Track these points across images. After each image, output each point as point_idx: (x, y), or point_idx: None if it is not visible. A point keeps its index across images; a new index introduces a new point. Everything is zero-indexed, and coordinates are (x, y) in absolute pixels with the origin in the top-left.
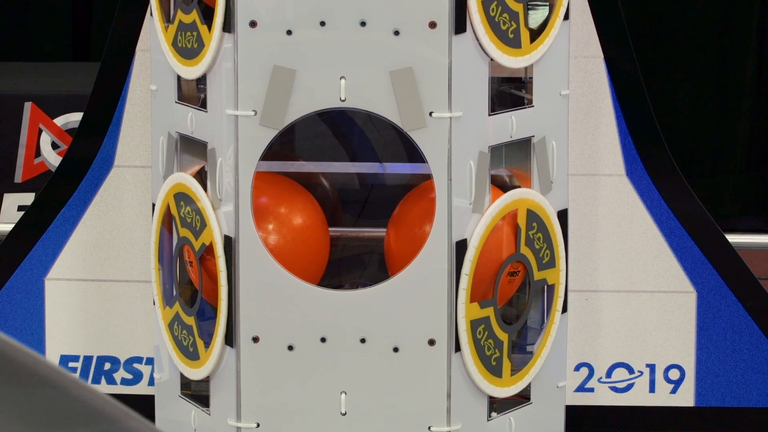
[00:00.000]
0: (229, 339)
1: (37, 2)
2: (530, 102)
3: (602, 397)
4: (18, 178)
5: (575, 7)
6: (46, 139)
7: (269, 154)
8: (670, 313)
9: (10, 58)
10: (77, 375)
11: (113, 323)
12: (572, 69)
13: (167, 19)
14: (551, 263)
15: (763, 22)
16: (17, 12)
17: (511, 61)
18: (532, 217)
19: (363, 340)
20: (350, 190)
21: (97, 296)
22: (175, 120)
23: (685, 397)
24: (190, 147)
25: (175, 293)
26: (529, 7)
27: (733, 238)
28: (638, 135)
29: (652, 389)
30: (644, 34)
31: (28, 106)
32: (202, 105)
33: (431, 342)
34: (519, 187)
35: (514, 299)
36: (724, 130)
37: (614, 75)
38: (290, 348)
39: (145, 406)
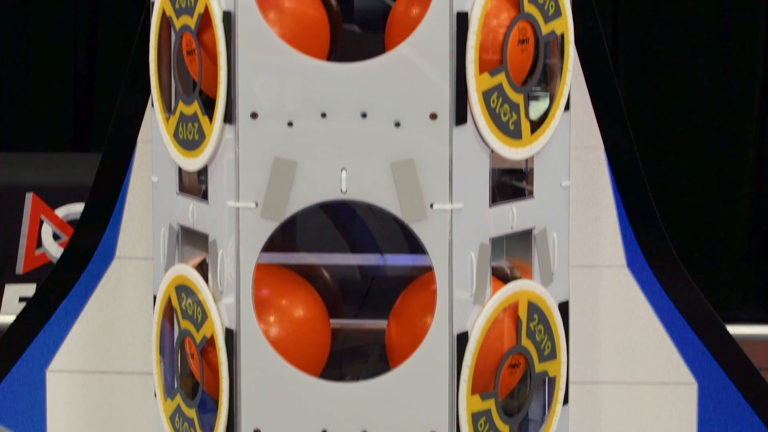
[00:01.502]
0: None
1: (39, 92)
2: (531, 193)
3: None
4: (19, 269)
5: (575, 98)
6: (47, 230)
7: (270, 245)
8: (671, 404)
9: (11, 148)
10: None
11: (115, 415)
12: (573, 160)
13: (168, 110)
14: (552, 355)
15: (763, 110)
16: (18, 102)
17: (512, 153)
18: (533, 308)
19: None
20: (351, 282)
21: (99, 388)
22: (176, 211)
23: None
24: (192, 238)
25: (176, 386)
26: (530, 98)
27: (734, 329)
28: (639, 226)
29: None
30: (644, 122)
31: (29, 196)
32: (204, 196)
33: None
34: (520, 278)
35: (515, 391)
36: (725, 219)
37: (615, 166)
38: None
39: None
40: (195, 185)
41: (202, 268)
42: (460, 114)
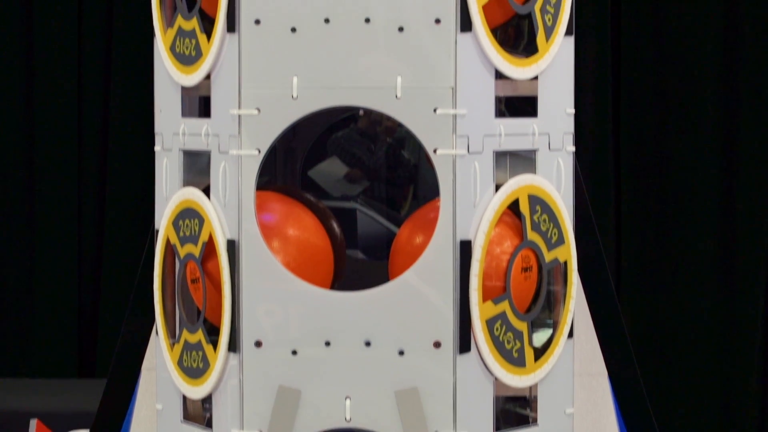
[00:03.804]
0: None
1: (42, 317)
2: (535, 420)
3: None
4: None
5: (579, 325)
6: None
7: None
8: None
9: (15, 374)
10: None
11: None
12: (577, 387)
13: (173, 336)
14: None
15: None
16: (22, 327)
17: (516, 380)
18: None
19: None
20: None
21: None
22: None
23: None
24: None
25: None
26: (534, 325)
27: None
28: None
29: None
30: (647, 346)
31: (33, 423)
32: (208, 424)
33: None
34: None
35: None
36: None
37: (618, 392)
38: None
39: None
40: (199, 413)
41: None
42: (464, 342)
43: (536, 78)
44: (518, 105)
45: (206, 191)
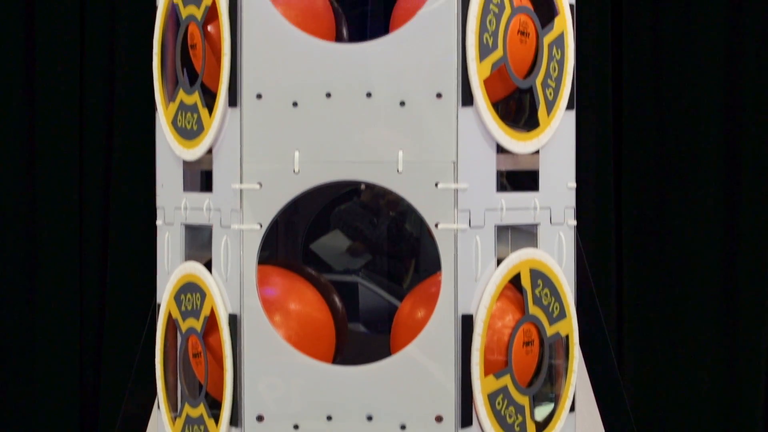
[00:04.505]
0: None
1: (43, 391)
2: None
3: None
4: None
5: (581, 399)
6: None
7: None
8: None
9: None
10: None
11: None
12: None
13: (174, 410)
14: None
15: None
16: (23, 401)
17: None
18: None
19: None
20: None
21: None
22: None
23: None
24: None
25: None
26: (536, 399)
27: None
28: None
29: None
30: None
31: None
32: None
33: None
34: None
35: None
36: None
37: None
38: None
39: None
40: None
41: None
42: (466, 416)
43: (537, 152)
44: (520, 177)
45: (208, 265)
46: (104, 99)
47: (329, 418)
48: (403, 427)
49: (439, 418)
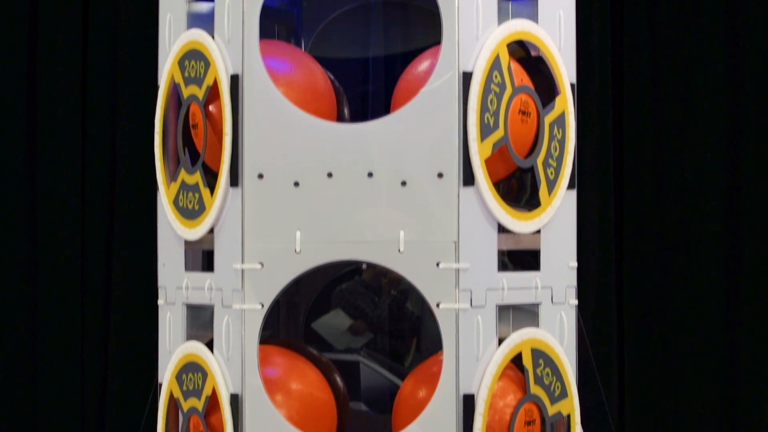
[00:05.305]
0: None
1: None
2: None
3: None
4: None
5: None
6: None
7: None
8: None
9: None
10: None
11: None
12: None
13: None
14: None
15: None
16: None
17: None
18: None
19: None
20: None
21: None
22: None
23: None
24: None
25: None
26: None
27: None
28: None
29: None
30: None
31: None
32: None
33: None
34: None
35: None
36: None
37: None
38: None
39: None
40: None
41: None
42: None
43: (539, 231)
44: (521, 255)
45: (209, 345)
46: (106, 179)
47: None
48: None
49: None
